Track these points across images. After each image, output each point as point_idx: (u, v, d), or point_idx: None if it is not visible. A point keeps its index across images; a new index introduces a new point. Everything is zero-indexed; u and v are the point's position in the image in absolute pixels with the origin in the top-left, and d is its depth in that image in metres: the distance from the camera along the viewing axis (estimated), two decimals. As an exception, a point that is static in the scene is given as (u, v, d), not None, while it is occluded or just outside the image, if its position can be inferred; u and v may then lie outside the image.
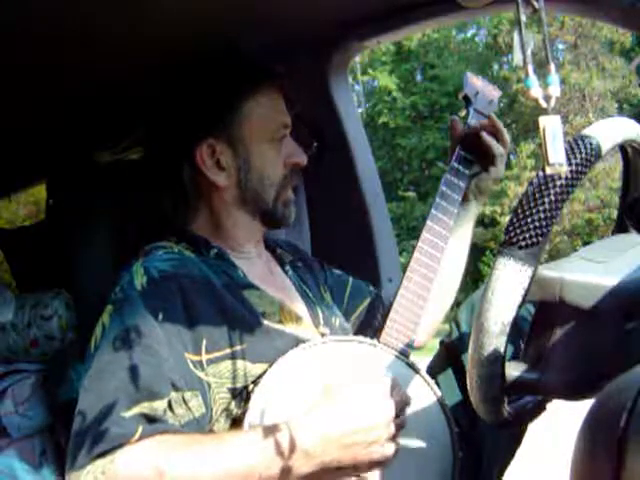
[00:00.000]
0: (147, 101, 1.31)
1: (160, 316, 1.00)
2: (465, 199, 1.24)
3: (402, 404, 1.00)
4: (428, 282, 1.15)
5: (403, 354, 1.10)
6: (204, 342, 1.02)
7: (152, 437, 0.92)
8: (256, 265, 1.20)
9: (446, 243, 1.17)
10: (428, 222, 1.17)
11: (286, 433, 0.91)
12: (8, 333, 1.38)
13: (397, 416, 0.99)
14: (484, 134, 1.20)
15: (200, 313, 1.03)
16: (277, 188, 1.18)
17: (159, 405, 0.95)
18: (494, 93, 1.26)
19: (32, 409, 1.32)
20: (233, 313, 1.07)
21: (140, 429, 0.92)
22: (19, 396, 1.33)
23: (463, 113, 1.25)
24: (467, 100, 1.24)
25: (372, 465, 0.99)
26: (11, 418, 1.31)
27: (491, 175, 1.26)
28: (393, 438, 0.99)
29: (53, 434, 1.33)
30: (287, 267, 1.28)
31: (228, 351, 1.04)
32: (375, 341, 1.09)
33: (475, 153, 1.22)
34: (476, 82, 1.25)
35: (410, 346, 1.12)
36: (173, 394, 0.96)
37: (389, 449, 0.99)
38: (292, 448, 0.91)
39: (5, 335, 1.39)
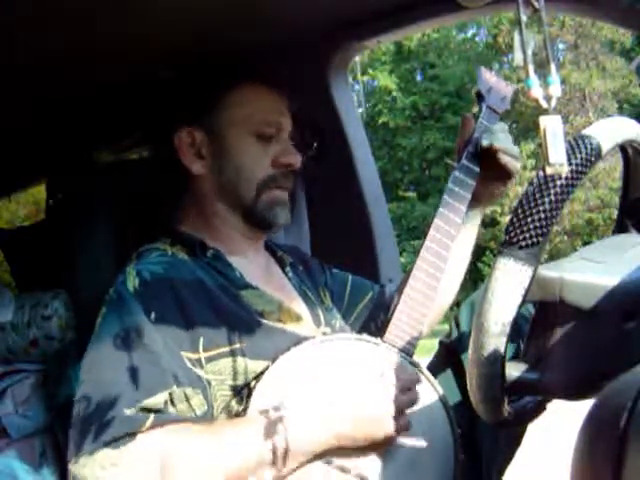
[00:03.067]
0: (145, 101, 1.31)
1: (153, 315, 1.00)
2: (474, 200, 1.19)
3: (407, 383, 1.03)
4: (435, 281, 1.13)
5: (407, 353, 1.09)
6: (201, 340, 1.02)
7: (163, 427, 0.93)
8: (254, 265, 1.20)
9: (453, 242, 1.15)
10: (436, 220, 1.14)
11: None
12: (8, 333, 1.38)
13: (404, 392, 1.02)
14: (500, 154, 1.15)
15: (195, 312, 1.04)
16: (258, 186, 1.16)
17: (160, 399, 0.95)
18: (507, 89, 1.23)
19: (32, 409, 1.32)
20: (229, 313, 1.07)
21: (150, 420, 0.93)
22: (19, 396, 1.32)
23: (476, 109, 1.22)
24: (480, 96, 1.22)
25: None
26: (11, 418, 1.31)
27: (505, 183, 1.23)
28: (401, 415, 1.01)
29: (53, 434, 1.33)
30: (287, 269, 1.28)
31: (227, 349, 1.04)
32: (379, 340, 1.09)
33: (490, 169, 1.18)
34: (489, 78, 1.22)
35: (414, 345, 1.11)
36: (175, 388, 0.97)
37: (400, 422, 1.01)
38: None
39: (5, 335, 1.38)
